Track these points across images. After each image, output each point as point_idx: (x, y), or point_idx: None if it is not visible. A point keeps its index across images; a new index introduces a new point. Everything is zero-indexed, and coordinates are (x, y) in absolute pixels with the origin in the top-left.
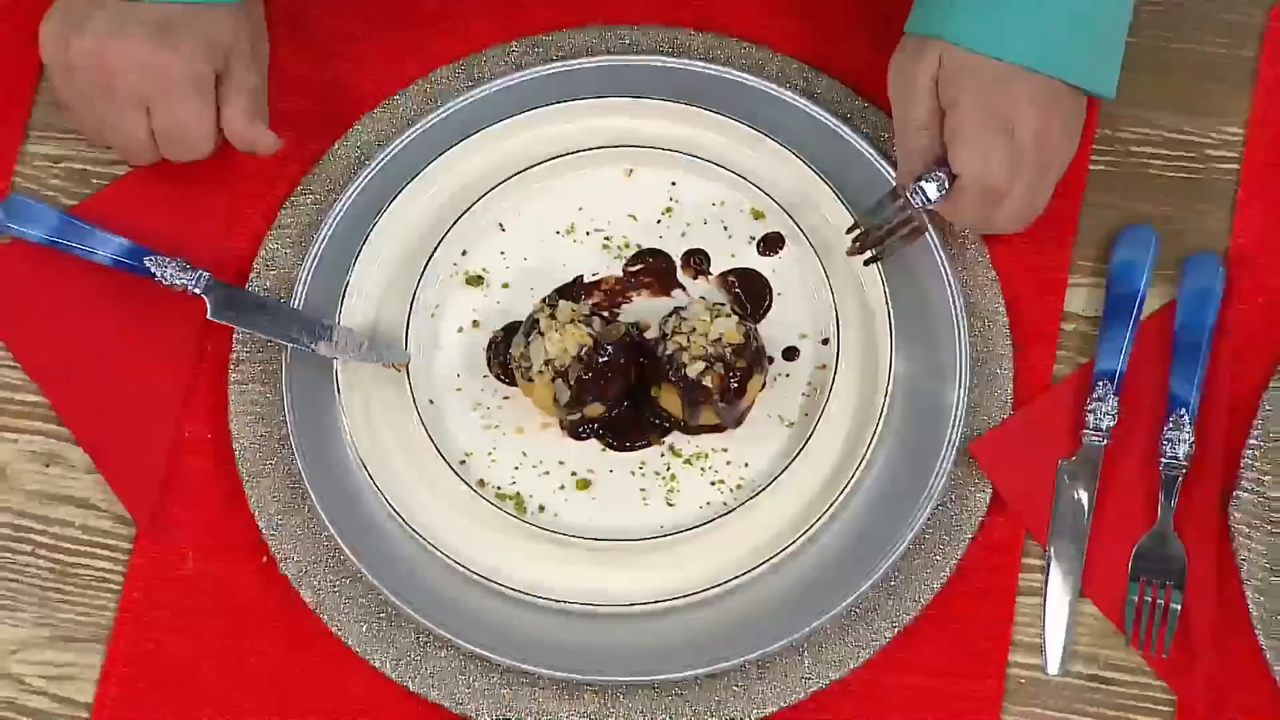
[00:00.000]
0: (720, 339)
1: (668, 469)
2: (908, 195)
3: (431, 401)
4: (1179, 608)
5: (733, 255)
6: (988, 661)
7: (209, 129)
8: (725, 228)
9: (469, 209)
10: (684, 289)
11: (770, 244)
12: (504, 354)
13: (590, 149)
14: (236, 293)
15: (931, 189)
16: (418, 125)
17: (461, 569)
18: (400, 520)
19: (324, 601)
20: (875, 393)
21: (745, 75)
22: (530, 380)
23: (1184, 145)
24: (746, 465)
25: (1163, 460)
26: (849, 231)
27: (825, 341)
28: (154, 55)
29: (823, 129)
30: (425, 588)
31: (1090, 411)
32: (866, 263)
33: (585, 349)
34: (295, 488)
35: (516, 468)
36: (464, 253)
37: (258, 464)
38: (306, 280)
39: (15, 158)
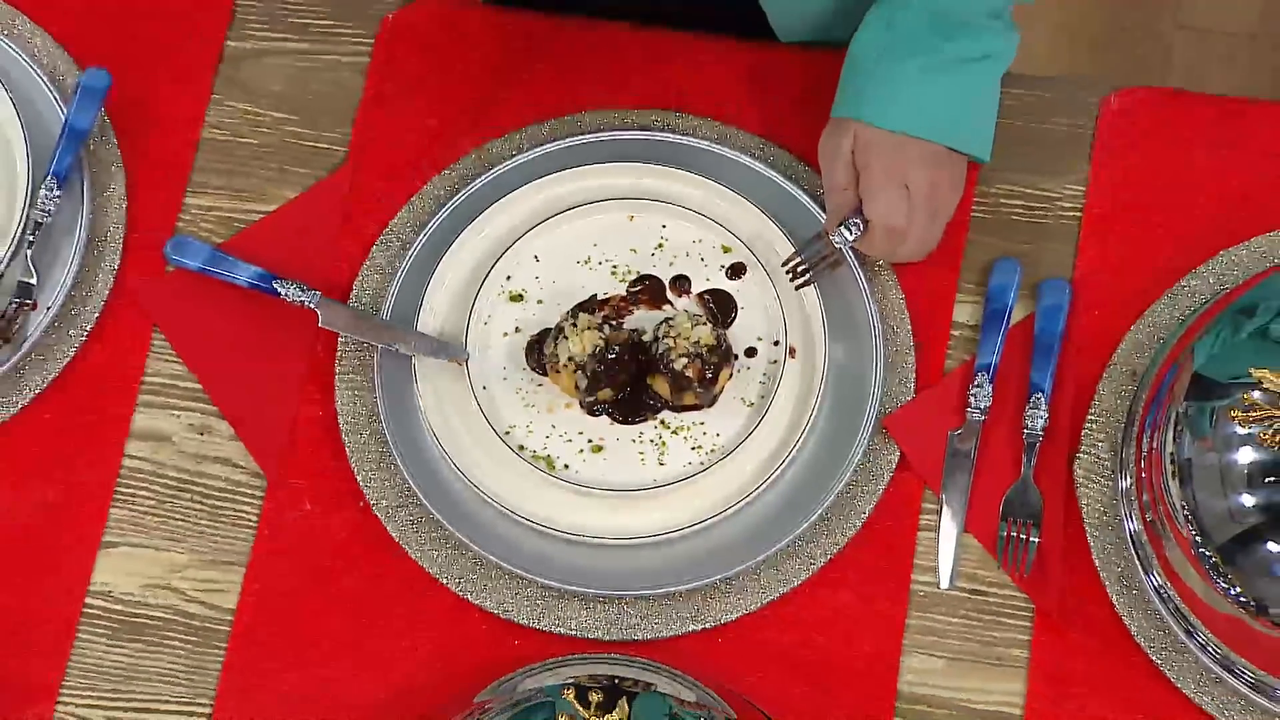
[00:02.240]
0: (699, 341)
1: (660, 437)
2: (832, 236)
3: (484, 387)
4: (1037, 540)
5: (708, 279)
6: (896, 579)
7: None
8: (702, 259)
9: (513, 245)
10: (672, 304)
11: (736, 270)
12: (538, 352)
13: (602, 200)
14: (341, 307)
15: (850, 232)
16: (474, 183)
17: (506, 511)
18: (461, 475)
19: (405, 535)
20: (813, 381)
21: (716, 145)
22: (558, 371)
23: (1040, 199)
24: (718, 435)
25: (1025, 431)
26: (783, 265)
27: (776, 343)
28: None
29: (773, 185)
30: (480, 525)
31: (972, 395)
32: (797, 287)
33: (598, 348)
34: (384, 451)
35: (548, 436)
36: (509, 277)
37: (356, 433)
38: (393, 298)
39: (179, 208)
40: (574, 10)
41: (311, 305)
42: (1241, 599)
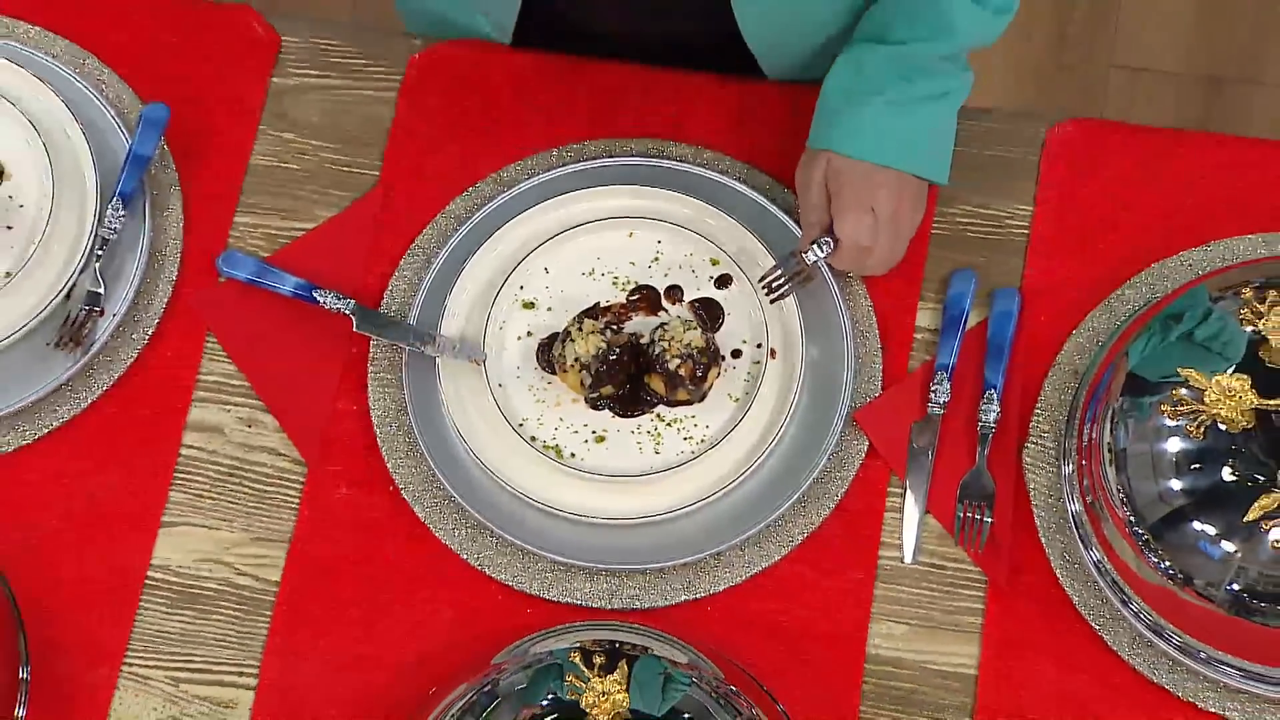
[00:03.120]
0: (690, 344)
1: (655, 429)
2: (804, 254)
3: (500, 385)
4: (990, 520)
5: (698, 289)
6: (864, 555)
7: None
8: (693, 271)
9: (526, 258)
10: (666, 311)
11: (723, 281)
12: (548, 353)
13: (605, 219)
14: (373, 313)
15: (822, 249)
16: (492, 202)
17: (520, 494)
18: (480, 463)
19: (430, 516)
20: (792, 379)
21: (706, 170)
22: (565, 371)
23: (993, 218)
24: (708, 427)
25: (979, 423)
26: (759, 281)
27: (759, 345)
28: None
29: (756, 206)
30: (496, 506)
31: (933, 391)
32: (772, 301)
33: (601, 350)
34: (411, 440)
35: (556, 428)
36: (521, 287)
37: (387, 425)
38: (419, 305)
39: (230, 226)
40: (581, 51)
41: (347, 312)
42: (1170, 571)
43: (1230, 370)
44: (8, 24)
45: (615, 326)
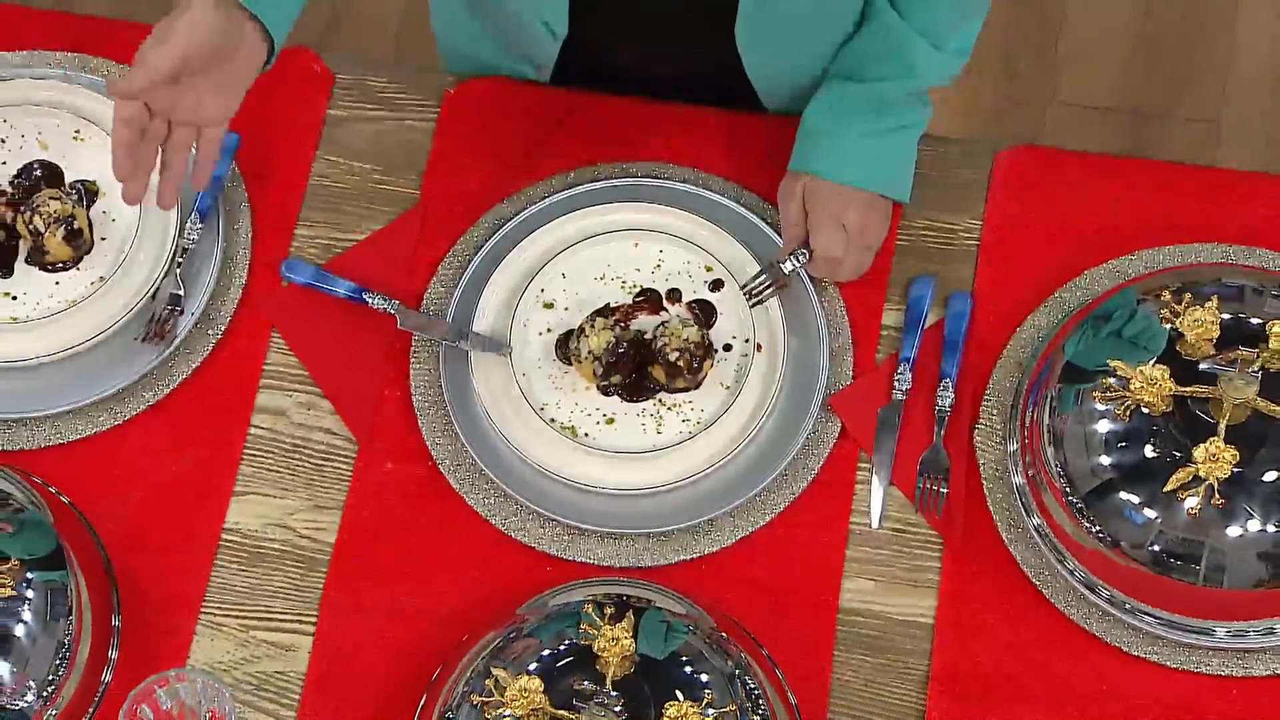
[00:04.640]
0: (687, 339)
1: (657, 413)
2: (783, 263)
3: (524, 374)
4: (946, 491)
5: (694, 292)
6: (838, 521)
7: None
8: (690, 276)
9: (546, 264)
10: (667, 310)
11: (716, 285)
12: (566, 347)
13: (614, 231)
14: (414, 313)
15: (799, 259)
16: (517, 216)
17: (540, 468)
18: (506, 441)
19: (463, 486)
20: (775, 369)
21: (701, 189)
22: (580, 362)
23: (948, 230)
24: (703, 410)
25: (937, 407)
26: (741, 288)
27: (747, 341)
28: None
29: (745, 220)
30: (520, 478)
31: (897, 380)
32: (751, 306)
33: (611, 344)
34: (447, 422)
35: (572, 411)
36: (542, 290)
37: (427, 409)
38: (454, 306)
39: (291, 237)
40: (594, 86)
41: (392, 311)
42: (1100, 535)
43: (1152, 362)
44: (100, 64)
45: (623, 324)
